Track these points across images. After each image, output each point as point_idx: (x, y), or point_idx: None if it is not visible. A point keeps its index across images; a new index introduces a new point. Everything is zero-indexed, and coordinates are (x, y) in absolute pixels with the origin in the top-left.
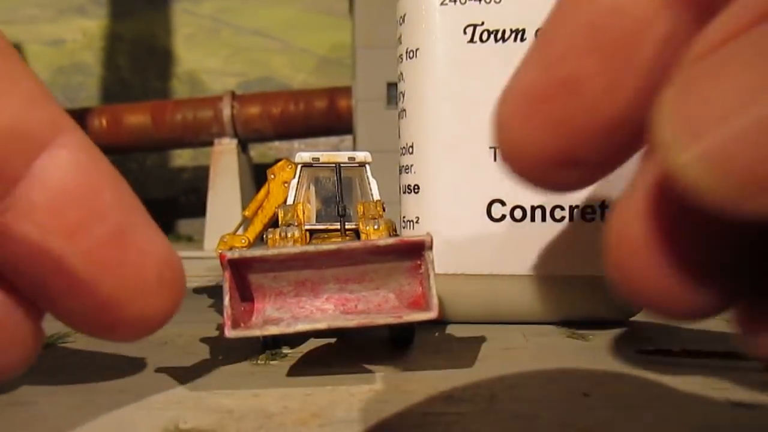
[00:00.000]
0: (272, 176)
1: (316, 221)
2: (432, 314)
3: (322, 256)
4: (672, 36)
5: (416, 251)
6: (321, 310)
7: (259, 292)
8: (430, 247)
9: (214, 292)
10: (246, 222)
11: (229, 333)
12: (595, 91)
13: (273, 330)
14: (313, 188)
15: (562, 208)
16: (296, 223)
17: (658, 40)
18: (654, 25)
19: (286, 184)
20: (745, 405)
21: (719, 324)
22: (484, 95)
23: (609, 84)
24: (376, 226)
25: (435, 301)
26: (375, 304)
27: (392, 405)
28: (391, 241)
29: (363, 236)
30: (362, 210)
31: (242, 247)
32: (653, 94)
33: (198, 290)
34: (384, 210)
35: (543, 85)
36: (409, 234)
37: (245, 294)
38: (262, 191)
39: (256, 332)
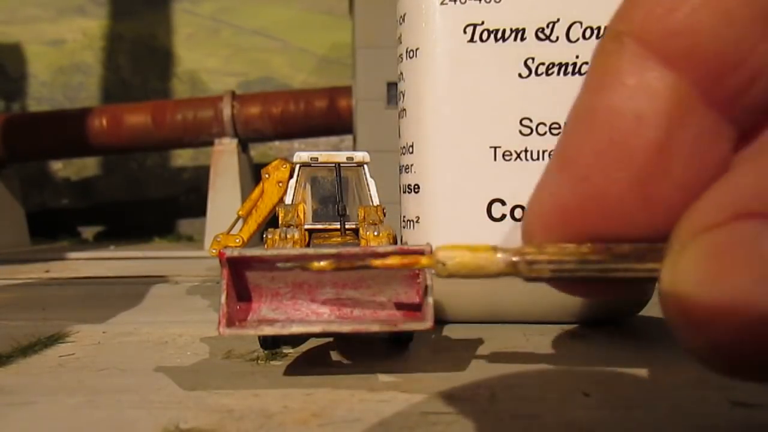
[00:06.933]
0: (266, 175)
1: (314, 220)
2: (427, 325)
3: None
4: (699, 142)
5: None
6: (316, 314)
7: (256, 292)
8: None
9: (213, 291)
10: (240, 221)
11: (223, 331)
12: (627, 207)
13: (267, 330)
14: (309, 187)
15: None
16: (296, 224)
17: (686, 147)
18: (680, 134)
19: (280, 184)
20: (745, 405)
21: None
22: (484, 95)
23: (643, 199)
24: (376, 233)
25: (431, 311)
26: (371, 311)
27: (392, 405)
28: (390, 248)
29: (363, 242)
30: (363, 214)
31: (236, 246)
32: (685, 204)
33: (198, 290)
34: (384, 215)
35: (572, 201)
36: (409, 234)
37: (243, 293)
38: (257, 190)
39: (250, 332)
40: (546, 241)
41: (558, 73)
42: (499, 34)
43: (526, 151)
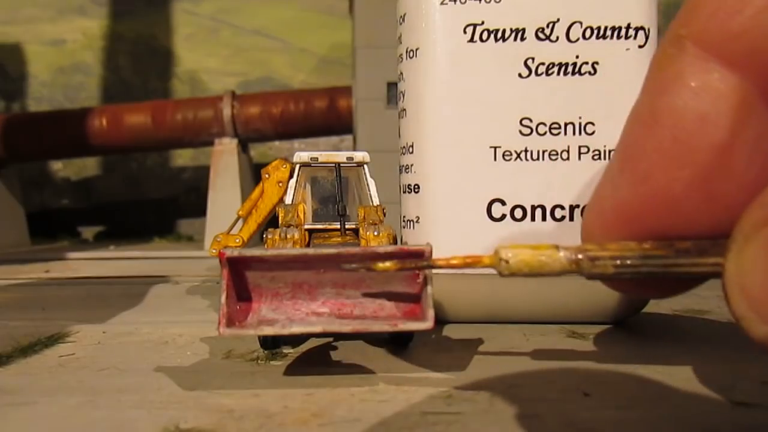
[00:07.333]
0: (266, 175)
1: (314, 220)
2: (427, 324)
3: (320, 260)
4: (761, 141)
5: (415, 260)
6: (317, 314)
7: (256, 292)
8: (430, 257)
9: (213, 291)
10: (240, 221)
11: (223, 331)
12: (689, 205)
13: (267, 330)
14: (309, 187)
15: (563, 208)
16: (296, 224)
17: (748, 146)
18: (742, 133)
19: (280, 184)
20: (745, 405)
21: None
22: (484, 95)
23: (705, 197)
24: (376, 233)
25: (431, 311)
26: (371, 311)
27: (392, 405)
28: (390, 249)
29: (363, 242)
30: (363, 214)
31: (236, 246)
32: (746, 202)
33: (198, 290)
34: (384, 215)
35: (633, 201)
36: (409, 234)
37: (243, 293)
38: (257, 190)
39: (250, 332)
40: (606, 240)
41: (558, 73)
42: (499, 34)
43: (526, 151)
